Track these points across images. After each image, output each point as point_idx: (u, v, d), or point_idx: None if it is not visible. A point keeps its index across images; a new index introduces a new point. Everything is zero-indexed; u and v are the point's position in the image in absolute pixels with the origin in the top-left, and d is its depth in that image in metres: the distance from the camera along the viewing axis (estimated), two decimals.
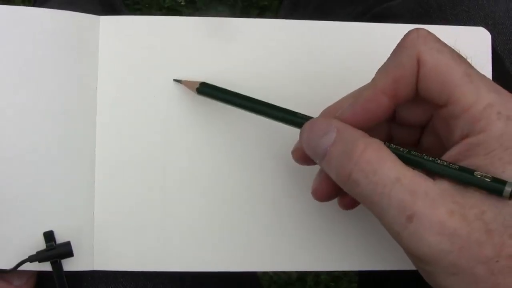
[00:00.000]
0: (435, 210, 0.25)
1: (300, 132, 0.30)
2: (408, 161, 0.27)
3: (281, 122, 0.32)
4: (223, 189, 0.36)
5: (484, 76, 0.27)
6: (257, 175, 0.36)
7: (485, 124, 0.26)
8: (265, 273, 0.92)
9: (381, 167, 0.26)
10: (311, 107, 0.36)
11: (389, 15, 0.44)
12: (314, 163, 0.30)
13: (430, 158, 0.27)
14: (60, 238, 0.34)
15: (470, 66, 0.27)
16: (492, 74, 0.37)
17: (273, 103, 0.34)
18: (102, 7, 0.59)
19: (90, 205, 0.35)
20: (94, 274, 0.36)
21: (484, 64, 0.37)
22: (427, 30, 0.28)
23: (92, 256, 0.35)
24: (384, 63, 0.29)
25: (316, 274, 0.94)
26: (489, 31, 0.37)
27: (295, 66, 0.37)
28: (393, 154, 0.26)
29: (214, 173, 0.36)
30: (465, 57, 0.28)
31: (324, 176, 0.31)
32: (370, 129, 0.29)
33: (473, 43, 0.37)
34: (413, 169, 0.26)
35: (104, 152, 0.36)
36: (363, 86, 0.30)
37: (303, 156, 0.31)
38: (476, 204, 0.25)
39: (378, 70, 0.29)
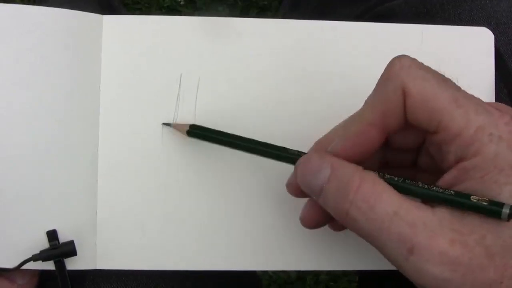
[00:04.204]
0: (435, 241, 0.25)
1: (295, 169, 0.30)
2: (404, 190, 0.27)
3: (273, 159, 0.32)
4: (224, 188, 0.36)
5: (472, 97, 0.27)
6: (258, 177, 0.36)
7: (477, 147, 0.26)
8: (265, 273, 0.92)
9: (377, 202, 0.26)
10: (311, 107, 0.36)
11: (391, 15, 0.44)
12: (309, 196, 0.30)
13: (426, 186, 0.27)
14: (62, 237, 0.34)
15: (457, 88, 0.27)
16: (495, 74, 0.37)
17: (273, 103, 0.34)
18: (101, 6, 0.59)
19: (93, 204, 0.35)
20: (96, 273, 0.36)
21: (487, 64, 0.37)
22: (409, 58, 0.28)
23: (95, 255, 0.35)
24: (370, 95, 0.29)
25: (316, 274, 0.94)
26: (491, 31, 0.37)
27: (296, 66, 0.37)
28: (389, 186, 0.26)
29: (215, 172, 0.36)
30: (451, 78, 0.27)
31: (311, 204, 0.31)
32: (364, 159, 0.29)
33: (476, 44, 0.37)
34: (410, 198, 0.26)
35: (107, 151, 0.36)
36: (352, 117, 0.30)
37: (297, 190, 0.30)
38: (476, 229, 0.25)
39: (365, 102, 0.29)
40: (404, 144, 0.31)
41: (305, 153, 0.31)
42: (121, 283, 0.38)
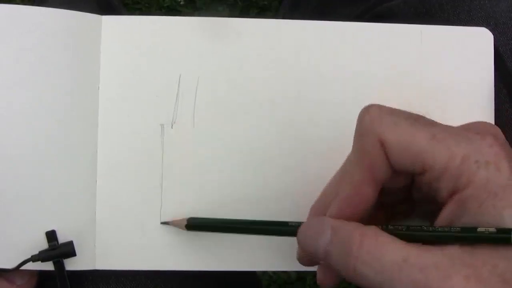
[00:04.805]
0: (450, 281, 0.24)
1: (297, 240, 0.30)
2: (409, 238, 0.26)
3: (275, 235, 0.32)
4: (223, 188, 0.36)
5: (449, 128, 0.27)
6: (257, 177, 0.36)
7: (467, 177, 0.25)
8: (265, 273, 0.92)
9: (383, 253, 0.25)
10: (310, 107, 0.36)
11: (391, 15, 0.44)
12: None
13: (430, 229, 0.26)
14: (62, 238, 0.34)
15: (431, 124, 0.27)
16: (494, 75, 0.37)
17: (272, 103, 0.33)
18: (100, 6, 0.59)
19: (92, 204, 0.35)
20: (95, 274, 0.36)
21: (486, 64, 0.37)
22: (376, 106, 0.28)
23: (94, 255, 0.35)
24: (351, 152, 0.29)
25: (316, 274, 0.94)
26: (491, 31, 0.37)
27: (295, 66, 0.37)
28: (392, 236, 0.26)
29: (214, 170, 0.36)
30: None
31: (324, 267, 0.30)
32: (364, 215, 0.28)
33: (475, 44, 0.37)
34: (416, 243, 0.26)
35: (106, 151, 0.36)
36: (341, 177, 0.30)
37: (309, 261, 0.31)
38: (487, 260, 0.24)
39: (348, 159, 0.29)
40: (395, 186, 0.30)
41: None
42: (120, 283, 0.38)
